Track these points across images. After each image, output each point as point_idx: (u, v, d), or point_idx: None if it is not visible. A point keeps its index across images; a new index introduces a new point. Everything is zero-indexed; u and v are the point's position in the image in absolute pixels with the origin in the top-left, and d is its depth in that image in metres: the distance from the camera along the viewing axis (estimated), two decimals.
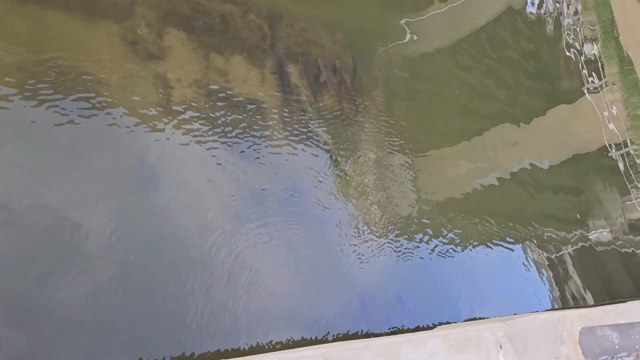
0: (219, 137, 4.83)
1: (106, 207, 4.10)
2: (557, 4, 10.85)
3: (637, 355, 4.76)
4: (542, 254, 7.38)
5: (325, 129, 5.55)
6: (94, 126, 4.26)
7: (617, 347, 4.71)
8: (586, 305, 6.79)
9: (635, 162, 9.58)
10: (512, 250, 7.17)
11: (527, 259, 7.28)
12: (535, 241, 7.45)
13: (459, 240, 6.52)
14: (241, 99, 5.07)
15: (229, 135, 4.90)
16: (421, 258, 5.92)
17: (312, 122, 5.44)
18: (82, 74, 4.30)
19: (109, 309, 3.88)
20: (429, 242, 6.12)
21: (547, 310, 6.59)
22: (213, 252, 4.46)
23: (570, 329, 4.58)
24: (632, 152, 9.63)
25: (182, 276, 4.24)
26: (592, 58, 10.63)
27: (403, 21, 7.76)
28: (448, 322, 5.43)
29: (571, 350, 4.43)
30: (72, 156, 4.12)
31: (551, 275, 7.17)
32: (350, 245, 5.35)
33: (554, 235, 7.72)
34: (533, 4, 10.62)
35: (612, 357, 4.67)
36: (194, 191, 4.58)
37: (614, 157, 9.66)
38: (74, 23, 4.38)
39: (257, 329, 4.47)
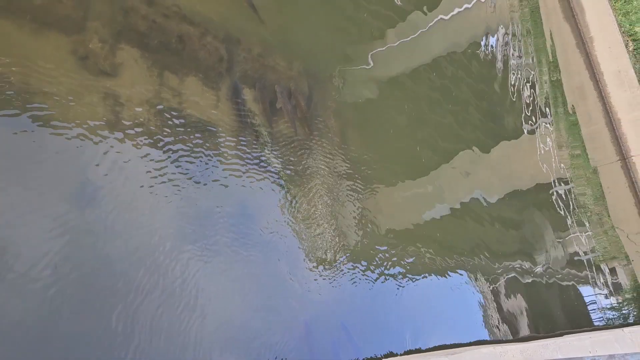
0: (168, 157, 4.72)
1: (46, 223, 3.91)
2: (505, 46, 11.38)
3: None
4: (485, 284, 7.56)
5: (278, 154, 5.53)
6: (37, 139, 4.08)
7: None
8: (527, 338, 6.97)
9: (575, 199, 10.04)
10: (457, 279, 7.31)
11: (470, 288, 7.44)
12: (479, 271, 7.63)
13: (405, 270, 6.59)
14: (194, 120, 4.99)
15: (179, 155, 4.79)
16: (368, 287, 5.94)
17: (265, 147, 5.41)
18: (27, 84, 4.12)
19: (42, 332, 3.66)
20: (376, 270, 6.15)
21: (489, 342, 6.72)
22: (155, 273, 4.32)
23: None
24: (572, 189, 10.10)
25: (121, 298, 4.07)
26: (533, 99, 11.15)
27: (359, 51, 7.92)
28: (392, 354, 5.43)
29: None
30: (13, 168, 3.92)
31: (493, 305, 7.34)
32: (297, 271, 5.31)
33: (496, 266, 7.94)
34: (485, 44, 11.09)
35: None
36: (139, 210, 4.43)
37: (554, 193, 10.09)
38: (22, 32, 4.20)
39: (197, 354, 4.33)
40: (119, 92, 4.58)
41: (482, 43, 11.18)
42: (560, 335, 6.30)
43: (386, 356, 5.22)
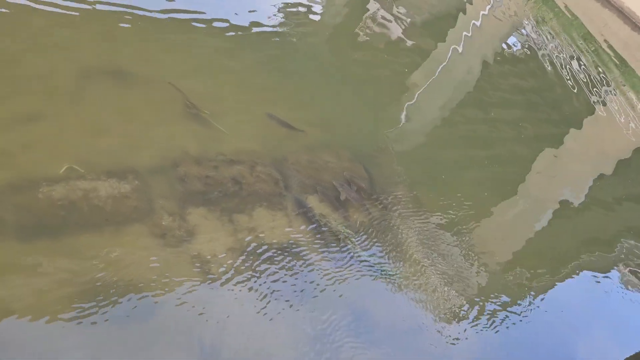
0: (267, 289, 4.86)
1: None
2: (532, 38, 11.16)
3: None
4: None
5: (364, 243, 5.55)
6: (149, 322, 4.35)
7: None
8: None
9: None
10: (603, 281, 6.79)
11: (619, 287, 6.84)
12: (624, 260, 7.11)
13: (542, 289, 6.24)
14: (276, 246, 5.16)
15: (276, 283, 4.93)
16: (513, 326, 5.64)
17: (348, 242, 5.46)
18: (124, 280, 4.46)
19: None
20: (513, 306, 5.86)
21: None
22: None
23: None
24: None
25: None
26: (586, 73, 10.69)
27: (394, 110, 8.04)
28: None
29: None
30: (136, 349, 4.17)
31: None
32: (435, 341, 5.14)
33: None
34: (511, 45, 10.95)
35: None
36: (259, 348, 4.53)
37: None
38: (105, 238, 4.63)
39: None
40: (202, 251, 4.86)
41: (511, 44, 11.04)
42: None
43: None
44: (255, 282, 4.85)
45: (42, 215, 4.48)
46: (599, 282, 6.77)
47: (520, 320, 5.76)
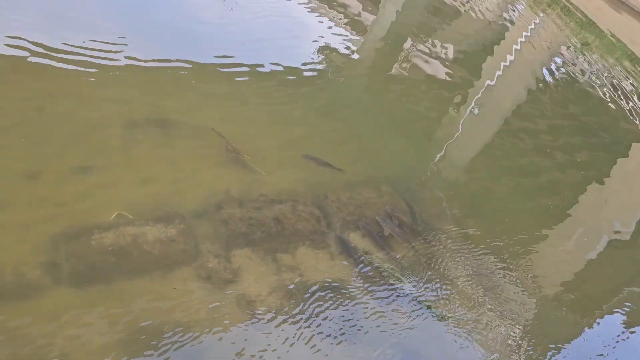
0: (315, 329, 4.83)
1: None
2: (573, 63, 10.99)
3: None
4: None
5: (410, 279, 5.47)
6: None
7: None
8: None
9: None
10: None
11: None
12: None
13: (596, 332, 5.93)
14: (320, 285, 5.15)
15: (323, 323, 4.89)
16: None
17: (393, 278, 5.39)
18: (175, 323, 4.54)
19: None
20: (565, 344, 5.58)
21: None
22: None
23: None
24: None
25: None
26: (631, 94, 10.39)
27: (435, 144, 8.01)
28: None
29: None
30: None
31: None
32: None
33: None
34: (551, 72, 10.81)
35: None
36: None
37: None
38: (153, 283, 4.75)
39: None
40: (247, 292, 4.90)
41: (552, 71, 10.90)
42: None
43: None
44: (302, 322, 4.83)
45: (95, 262, 4.65)
46: None
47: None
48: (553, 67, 11.14)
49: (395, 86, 9.00)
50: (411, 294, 5.31)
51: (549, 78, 10.70)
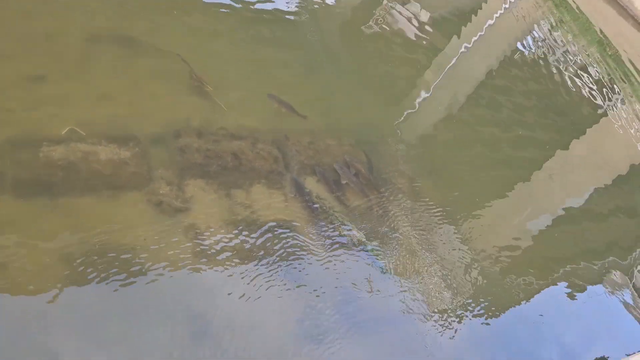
0: (260, 268, 4.88)
1: None
2: (545, 41, 11.11)
3: None
4: (617, 287, 6.94)
5: (359, 227, 5.56)
6: (141, 289, 4.36)
7: None
8: None
9: None
10: (594, 288, 6.80)
11: (610, 292, 6.86)
12: (615, 270, 7.10)
13: (535, 293, 6.25)
14: (271, 225, 5.17)
15: (269, 262, 4.95)
16: (504, 326, 5.66)
17: (344, 226, 5.47)
18: (119, 245, 4.49)
19: None
20: (505, 306, 5.87)
21: None
22: None
23: None
24: None
25: None
26: (595, 80, 10.64)
27: (403, 102, 8.03)
28: None
29: None
30: (125, 323, 4.18)
31: (632, 309, 6.69)
32: (417, 331, 5.15)
33: (621, 263, 7.35)
34: (522, 48, 10.90)
35: None
36: (253, 323, 4.55)
37: None
38: (101, 202, 4.65)
39: None
40: (197, 223, 4.88)
41: (523, 47, 10.98)
42: None
43: None
44: (246, 256, 4.87)
45: (41, 175, 4.50)
46: (581, 291, 6.76)
47: (503, 321, 5.76)
48: (527, 42, 11.23)
49: (370, 44, 8.87)
50: (358, 241, 5.41)
51: (521, 53, 10.80)
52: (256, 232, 5.07)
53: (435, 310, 5.36)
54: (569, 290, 6.61)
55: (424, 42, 9.51)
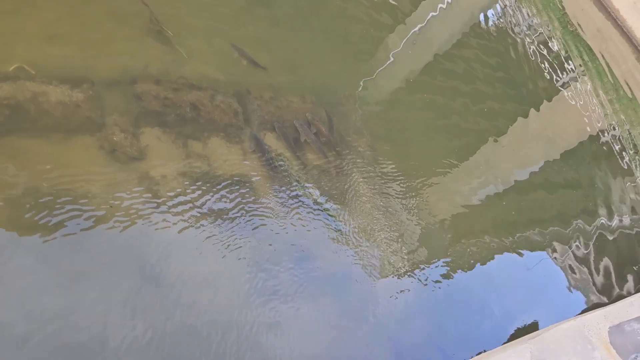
0: (214, 220, 4.85)
1: (120, 312, 4.07)
2: (509, 13, 11.19)
3: None
4: (565, 252, 7.29)
5: (316, 186, 5.58)
6: (92, 237, 4.28)
7: None
8: (609, 302, 6.63)
9: (630, 143, 9.63)
10: (533, 257, 7.10)
11: (549, 262, 7.19)
12: (555, 241, 7.43)
13: (476, 260, 6.48)
14: (228, 178, 5.12)
15: (223, 215, 4.92)
16: (445, 289, 5.86)
17: (301, 182, 5.48)
18: (70, 191, 4.35)
19: None
20: (449, 271, 6.06)
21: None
22: (236, 332, 4.40)
23: (598, 332, 4.42)
24: (629, 131, 9.70)
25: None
26: (554, 55, 10.85)
27: (365, 64, 7.98)
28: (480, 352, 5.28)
29: (604, 354, 4.27)
30: (75, 271, 4.11)
31: (571, 277, 7.06)
32: (369, 291, 5.29)
33: (571, 230, 7.69)
34: (487, 18, 10.95)
35: None
36: (202, 276, 4.55)
37: (606, 142, 9.70)
38: (51, 145, 4.47)
39: None
40: (152, 173, 4.78)
41: (485, 18, 11.03)
42: None
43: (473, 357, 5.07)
44: (201, 209, 4.82)
45: None
46: (525, 257, 7.07)
47: (454, 283, 5.97)
48: (491, 13, 11.27)
49: (338, 2, 8.70)
50: (313, 199, 5.44)
51: (484, 24, 10.85)
52: (213, 186, 5.01)
53: (388, 272, 5.50)
54: (516, 256, 6.90)
55: (392, 6, 9.40)
